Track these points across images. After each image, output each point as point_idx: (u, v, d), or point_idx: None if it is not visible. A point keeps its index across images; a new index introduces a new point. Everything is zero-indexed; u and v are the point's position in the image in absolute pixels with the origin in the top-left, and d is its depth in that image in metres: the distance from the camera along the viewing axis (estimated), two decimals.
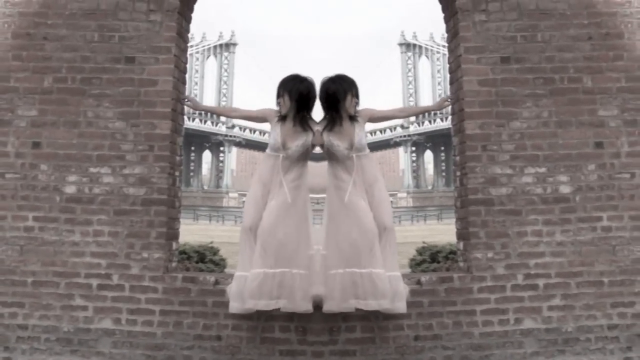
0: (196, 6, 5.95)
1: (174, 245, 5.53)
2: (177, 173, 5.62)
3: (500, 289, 5.24)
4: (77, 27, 5.47)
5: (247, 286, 4.82)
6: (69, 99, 5.42)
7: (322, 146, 4.99)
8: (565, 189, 5.35)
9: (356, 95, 5.03)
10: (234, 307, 4.95)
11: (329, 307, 4.89)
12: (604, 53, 5.48)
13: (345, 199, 4.90)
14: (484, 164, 5.35)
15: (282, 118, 5.00)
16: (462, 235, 5.52)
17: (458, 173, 5.62)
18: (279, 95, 5.02)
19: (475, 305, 5.21)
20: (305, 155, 5.04)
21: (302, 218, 4.97)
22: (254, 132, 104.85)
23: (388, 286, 4.83)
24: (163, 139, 5.38)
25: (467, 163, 5.37)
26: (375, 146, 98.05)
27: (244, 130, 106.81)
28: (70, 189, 5.35)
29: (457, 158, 5.63)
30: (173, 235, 5.52)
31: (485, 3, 5.48)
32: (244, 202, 5.56)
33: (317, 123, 5.03)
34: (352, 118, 5.00)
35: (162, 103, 5.39)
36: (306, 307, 4.87)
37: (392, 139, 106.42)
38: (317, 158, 5.25)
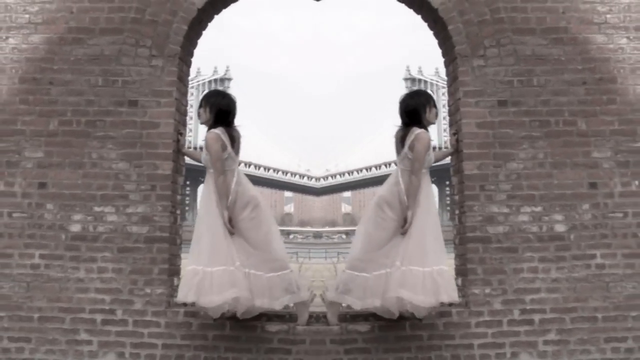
0: None
1: (176, 281, 5.64)
2: (178, 211, 5.78)
3: (497, 323, 5.38)
4: (82, 72, 5.66)
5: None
6: (73, 141, 5.59)
7: None
8: (560, 228, 5.51)
9: (434, 105, 5.29)
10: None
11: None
12: (597, 97, 5.68)
13: (418, 207, 5.09)
14: (482, 203, 5.53)
15: None
16: (460, 271, 5.67)
17: (457, 211, 5.79)
18: (200, 106, 5.24)
19: (473, 339, 5.36)
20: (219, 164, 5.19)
21: (225, 229, 5.04)
22: (249, 166, 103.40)
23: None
24: (165, 179, 5.56)
25: (465, 202, 5.55)
26: (378, 181, 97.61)
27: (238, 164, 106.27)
28: (75, 228, 5.50)
29: (456, 197, 5.81)
30: (174, 271, 5.66)
31: (483, 49, 5.71)
32: None
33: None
34: None
35: (163, 145, 5.58)
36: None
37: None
38: (317, 192, 5.38)
